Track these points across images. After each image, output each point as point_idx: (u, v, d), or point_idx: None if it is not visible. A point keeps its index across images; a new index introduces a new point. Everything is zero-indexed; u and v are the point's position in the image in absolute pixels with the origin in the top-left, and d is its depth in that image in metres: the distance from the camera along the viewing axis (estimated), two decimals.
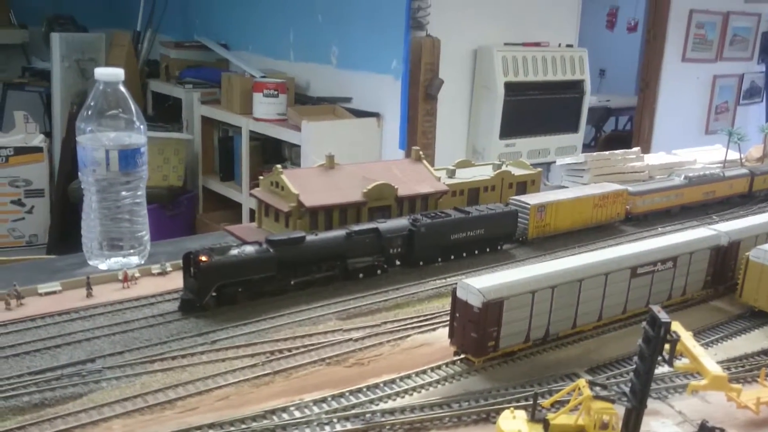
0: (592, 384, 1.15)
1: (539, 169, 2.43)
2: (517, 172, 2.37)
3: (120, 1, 7.13)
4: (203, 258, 1.54)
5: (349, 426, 1.19)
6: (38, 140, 5.39)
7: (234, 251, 1.59)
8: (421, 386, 1.32)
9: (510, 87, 4.62)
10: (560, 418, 1.14)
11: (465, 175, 2.28)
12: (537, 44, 4.83)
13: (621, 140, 6.97)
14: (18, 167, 5.25)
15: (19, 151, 5.25)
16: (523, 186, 2.36)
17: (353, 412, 1.22)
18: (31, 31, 6.98)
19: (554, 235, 2.17)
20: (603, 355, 1.48)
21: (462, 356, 1.41)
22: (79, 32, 6.41)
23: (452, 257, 1.95)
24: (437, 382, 1.34)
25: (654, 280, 1.63)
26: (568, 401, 1.15)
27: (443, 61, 4.45)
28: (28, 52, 7.15)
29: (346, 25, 4.89)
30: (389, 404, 1.26)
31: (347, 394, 1.28)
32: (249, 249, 1.62)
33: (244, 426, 1.17)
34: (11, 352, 1.36)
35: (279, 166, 1.96)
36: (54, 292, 1.62)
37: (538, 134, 4.90)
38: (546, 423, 1.13)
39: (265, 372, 1.34)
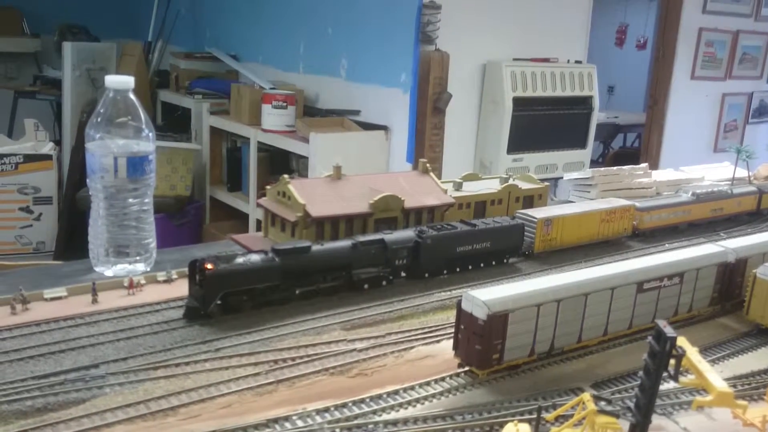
0: (596, 398, 1.14)
1: (546, 184, 2.42)
2: (524, 186, 2.36)
3: (132, 11, 7.20)
4: (209, 266, 1.54)
5: None
6: (48, 148, 5.42)
7: (240, 260, 1.59)
8: (425, 398, 1.31)
9: (518, 102, 4.63)
10: None
11: (472, 188, 2.28)
12: (546, 60, 4.84)
13: (629, 157, 6.96)
14: (27, 174, 5.28)
15: (29, 158, 5.28)
16: (530, 200, 2.36)
17: (356, 422, 1.22)
18: (43, 40, 7.05)
19: (560, 250, 2.16)
20: (608, 370, 1.47)
21: (466, 368, 1.40)
22: (91, 42, 6.47)
23: (458, 269, 1.95)
24: (441, 394, 1.33)
25: (660, 296, 1.62)
26: (572, 415, 1.15)
27: (452, 75, 4.47)
28: (39, 60, 7.22)
29: (355, 38, 4.91)
30: (392, 415, 1.25)
31: (350, 404, 1.27)
32: (255, 258, 1.62)
33: None
34: (16, 356, 1.36)
35: (286, 176, 1.96)
36: (60, 298, 1.62)
37: (545, 149, 4.90)
38: None
39: (268, 381, 1.34)
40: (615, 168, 2.82)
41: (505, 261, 2.05)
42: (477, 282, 1.89)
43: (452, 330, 1.45)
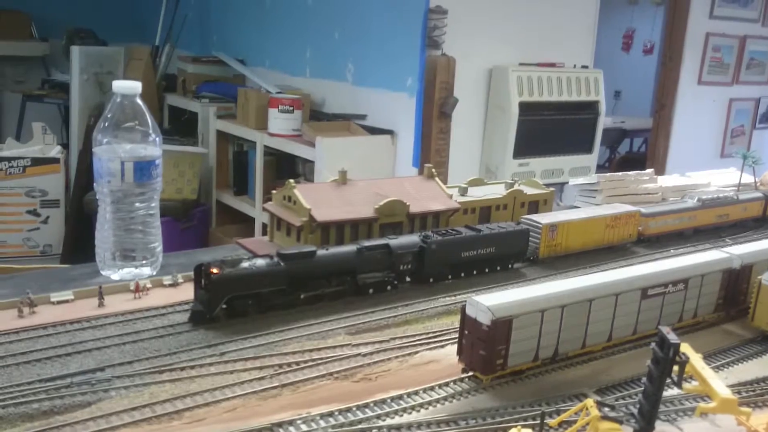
0: (600, 404, 1.15)
1: (551, 189, 2.42)
2: (529, 191, 2.36)
3: (140, 16, 7.23)
4: (214, 270, 1.55)
5: None
6: (55, 151, 5.44)
7: (245, 264, 1.60)
8: (429, 403, 1.32)
9: (524, 107, 4.63)
10: None
11: (477, 194, 2.28)
12: (552, 65, 4.84)
13: (635, 162, 6.95)
14: (34, 178, 5.30)
15: (36, 161, 5.30)
16: (535, 205, 2.36)
17: (360, 427, 1.22)
18: (51, 44, 7.09)
19: (565, 255, 2.17)
20: (612, 376, 1.47)
21: (470, 374, 1.40)
22: (99, 46, 6.50)
23: (462, 275, 1.95)
24: (445, 399, 1.34)
25: (665, 302, 1.62)
26: (575, 421, 1.15)
27: (458, 79, 4.47)
28: (48, 64, 7.26)
29: (362, 43, 4.93)
30: (396, 420, 1.25)
31: (354, 408, 1.28)
32: (260, 262, 1.62)
33: None
34: (22, 359, 1.37)
35: (292, 180, 1.97)
36: (66, 301, 1.63)
37: (551, 154, 4.90)
38: None
39: (273, 385, 1.35)
40: (620, 173, 2.82)
41: (509, 266, 2.05)
42: (481, 287, 1.90)
43: (456, 335, 1.45)
